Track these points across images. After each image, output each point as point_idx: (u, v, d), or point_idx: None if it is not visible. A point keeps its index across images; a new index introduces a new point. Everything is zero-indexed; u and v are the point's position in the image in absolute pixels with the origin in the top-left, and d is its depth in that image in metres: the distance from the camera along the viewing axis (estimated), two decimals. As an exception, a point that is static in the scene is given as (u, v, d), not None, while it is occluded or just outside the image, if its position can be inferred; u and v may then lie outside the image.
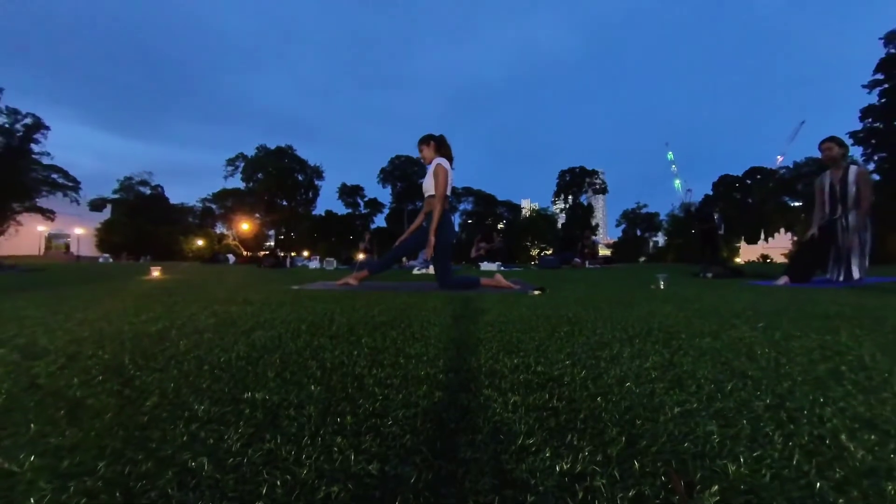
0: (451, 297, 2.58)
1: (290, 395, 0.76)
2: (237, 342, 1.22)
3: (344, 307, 2.01)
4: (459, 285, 3.34)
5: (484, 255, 11.29)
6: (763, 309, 2.01)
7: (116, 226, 41.23)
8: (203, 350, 1.13)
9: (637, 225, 55.53)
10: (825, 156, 4.20)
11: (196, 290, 3.11)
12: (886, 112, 25.34)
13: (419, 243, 3.58)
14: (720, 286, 3.76)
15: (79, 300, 2.41)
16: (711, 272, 5.45)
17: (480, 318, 1.70)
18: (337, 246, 45.78)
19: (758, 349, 1.15)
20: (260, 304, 2.17)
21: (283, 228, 51.74)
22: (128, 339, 1.27)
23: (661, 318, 1.70)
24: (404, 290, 3.18)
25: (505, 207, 57.45)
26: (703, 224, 9.16)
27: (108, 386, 0.82)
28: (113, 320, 1.63)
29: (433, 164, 3.41)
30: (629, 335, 1.33)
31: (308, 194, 53.88)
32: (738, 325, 1.53)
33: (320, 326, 1.48)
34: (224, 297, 2.57)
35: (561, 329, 1.43)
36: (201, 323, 1.57)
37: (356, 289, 3.25)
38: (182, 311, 1.90)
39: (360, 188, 56.26)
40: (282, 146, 51.53)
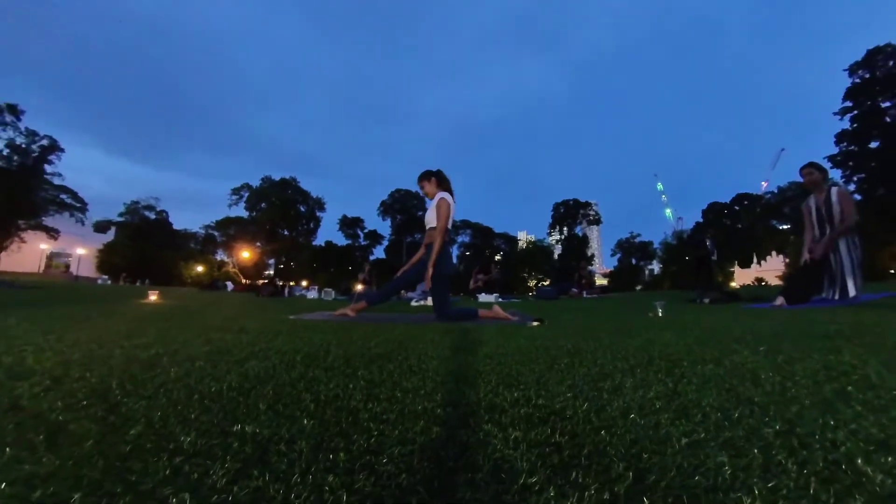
0: (448, 328, 2.54)
1: (281, 429, 0.73)
2: (230, 371, 1.18)
3: (340, 338, 1.97)
4: (457, 317, 3.30)
5: (482, 287, 11.24)
6: (762, 332, 1.98)
7: (118, 248, 41.39)
8: (194, 378, 1.09)
9: (632, 254, 55.93)
10: (807, 181, 4.36)
11: (192, 317, 3.06)
12: (859, 136, 27.29)
13: (418, 276, 3.58)
14: (718, 311, 3.73)
15: (72, 320, 2.37)
16: (708, 298, 5.43)
17: (479, 350, 1.66)
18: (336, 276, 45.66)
19: (762, 373, 1.12)
20: (255, 332, 2.13)
21: (283, 258, 51.93)
22: (117, 364, 1.23)
23: (662, 346, 1.66)
24: (402, 321, 3.14)
25: (502, 239, 58.17)
26: (696, 251, 9.13)
27: (91, 411, 0.79)
28: (104, 343, 1.60)
29: (436, 198, 3.46)
30: (630, 365, 1.30)
31: (309, 225, 54.61)
32: (739, 349, 1.50)
33: (316, 358, 1.44)
34: (220, 324, 2.53)
35: (561, 360, 1.39)
36: (194, 350, 1.53)
37: (353, 320, 3.21)
38: (176, 337, 1.86)
39: (361, 220, 57.14)
40: (286, 178, 53.03)
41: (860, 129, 27.22)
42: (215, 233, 52.38)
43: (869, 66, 27.02)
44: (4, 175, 28.58)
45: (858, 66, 27.42)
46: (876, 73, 26.66)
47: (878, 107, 26.55)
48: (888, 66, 26.10)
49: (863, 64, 27.30)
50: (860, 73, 27.39)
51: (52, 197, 33.51)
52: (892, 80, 25.68)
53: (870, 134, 26.82)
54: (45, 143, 32.04)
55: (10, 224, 29.67)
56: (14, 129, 30.00)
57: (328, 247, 55.22)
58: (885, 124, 26.17)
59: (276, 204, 50.52)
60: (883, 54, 26.34)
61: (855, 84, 27.50)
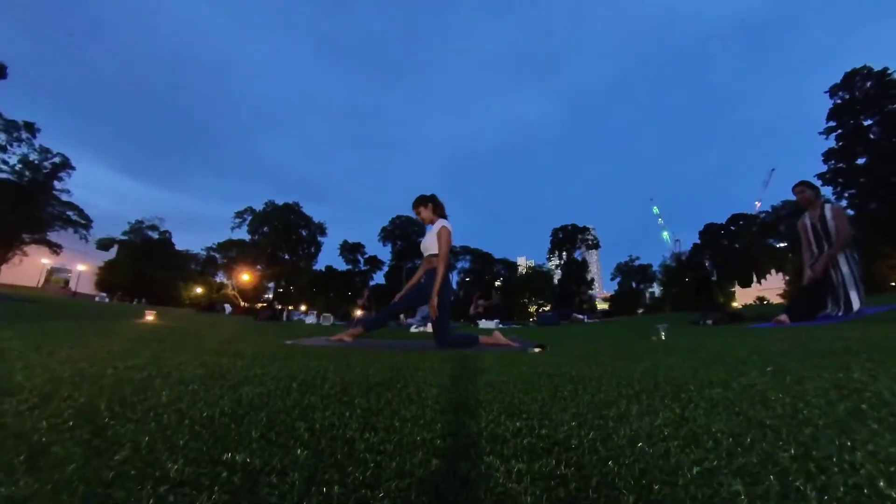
0: (448, 355, 2.49)
1: (273, 459, 0.69)
2: (223, 397, 1.15)
3: (338, 365, 1.92)
4: (457, 343, 3.26)
5: (482, 313, 11.12)
6: (769, 352, 1.93)
7: (118, 266, 41.39)
8: (186, 403, 1.05)
9: (631, 277, 55.82)
10: (800, 199, 4.43)
11: (188, 338, 3.02)
12: (845, 153, 28.40)
13: (416, 300, 3.57)
14: (721, 332, 3.67)
15: (66, 337, 2.33)
16: (711, 319, 5.36)
17: (480, 378, 1.62)
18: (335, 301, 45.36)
19: (771, 395, 1.08)
20: (251, 357, 2.08)
21: (282, 282, 51.81)
22: (108, 384, 1.20)
23: (667, 370, 1.61)
24: (401, 348, 3.08)
25: (502, 265, 58.43)
26: (696, 272, 9.11)
27: (77, 433, 0.76)
28: (97, 362, 1.56)
29: (436, 225, 3.49)
30: (636, 390, 1.26)
31: (310, 249, 54.93)
32: (746, 371, 1.46)
33: (312, 384, 1.40)
34: (215, 347, 2.49)
35: (564, 388, 1.35)
36: (188, 373, 1.49)
37: (351, 346, 3.16)
38: (170, 358, 1.82)
39: (361, 245, 57.51)
40: (289, 202, 53.79)
41: (846, 147, 28.39)
42: (216, 255, 52.59)
43: (847, 87, 28.49)
44: (14, 189, 29.08)
45: (838, 88, 28.92)
46: (855, 93, 28.07)
47: (861, 125, 27.78)
48: (865, 86, 27.50)
49: (841, 86, 28.76)
50: (840, 94, 28.88)
51: (58, 213, 33.95)
52: (870, 99, 27.00)
53: (855, 151, 27.90)
54: (56, 160, 32.82)
55: (15, 237, 29.95)
56: (28, 146, 30.78)
57: (328, 271, 55.27)
58: (869, 141, 27.27)
59: (278, 228, 50.98)
60: (859, 76, 27.80)
61: (836, 105, 28.93)
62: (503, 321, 9.97)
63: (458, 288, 53.68)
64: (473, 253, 56.78)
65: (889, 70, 26.32)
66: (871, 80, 27.22)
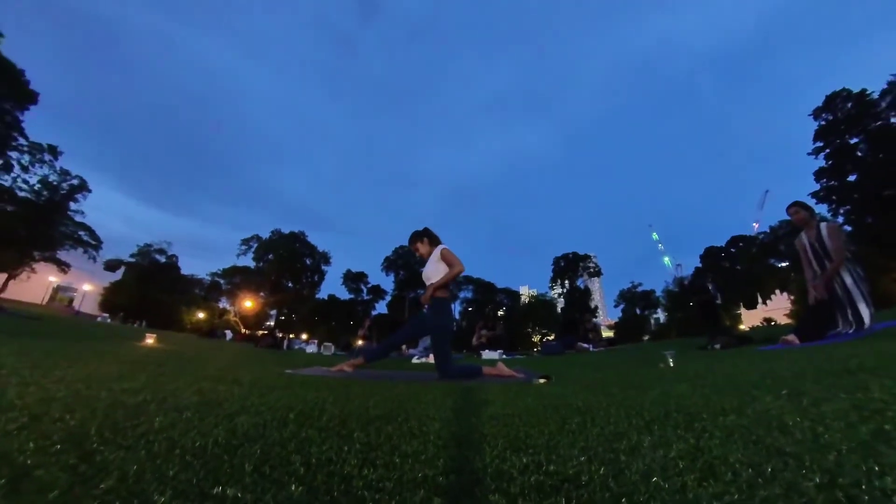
0: (451, 387, 2.41)
1: (266, 495, 0.65)
2: (218, 426, 1.11)
3: (337, 396, 1.87)
4: (460, 375, 3.19)
5: (485, 343, 10.91)
6: (781, 374, 1.85)
7: (123, 288, 41.56)
8: (179, 431, 1.02)
9: (635, 304, 54.90)
10: (795, 220, 4.48)
11: (186, 364, 2.97)
12: (836, 171, 29.28)
13: (418, 331, 3.54)
14: (730, 356, 3.57)
15: (64, 356, 2.30)
16: (719, 343, 5.26)
17: (483, 411, 1.56)
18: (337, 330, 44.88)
19: (788, 420, 1.02)
20: (249, 385, 2.03)
21: (285, 309, 51.60)
22: (101, 407, 1.16)
23: (677, 398, 1.55)
24: (402, 379, 3.01)
25: (504, 294, 58.06)
26: (700, 295, 8.96)
27: (63, 458, 0.72)
28: (92, 384, 1.53)
29: (438, 250, 3.53)
30: (646, 421, 1.20)
31: (314, 278, 55.06)
32: (759, 396, 1.39)
33: (310, 416, 1.36)
34: (213, 374, 2.44)
35: (572, 420, 1.29)
36: (183, 400, 1.45)
37: (351, 376, 3.08)
38: (167, 384, 1.79)
39: (364, 275, 57.62)
40: (295, 231, 54.59)
41: (835, 165, 29.35)
42: (221, 280, 52.77)
43: (830, 109, 29.78)
44: (31, 207, 29.82)
45: (821, 111, 30.26)
46: (838, 114, 29.30)
47: (847, 143, 28.78)
48: (846, 107, 28.80)
49: (824, 108, 30.10)
50: (823, 115, 30.16)
51: (70, 232, 34.62)
52: (853, 119, 28.25)
53: (845, 168, 28.81)
54: (74, 182, 33.82)
55: (26, 254, 30.43)
56: (50, 168, 31.80)
57: (331, 300, 55.10)
58: (857, 158, 28.23)
59: (283, 256, 51.39)
60: (840, 98, 29.10)
61: (821, 126, 30.22)
62: (507, 352, 9.78)
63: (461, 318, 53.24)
64: (476, 283, 56.67)
65: (867, 91, 27.70)
66: (851, 102, 28.55)
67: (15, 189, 29.15)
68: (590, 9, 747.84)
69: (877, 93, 26.77)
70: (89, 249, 36.76)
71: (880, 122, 26.60)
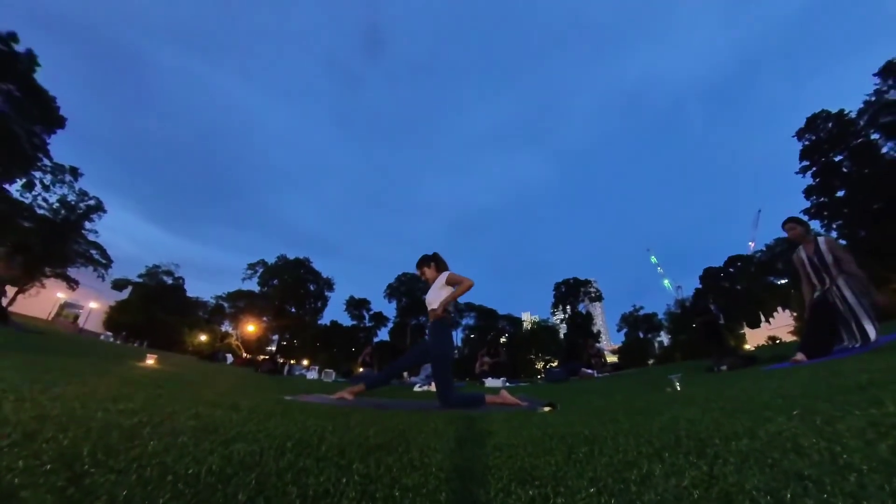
0: (453, 416, 2.34)
1: (259, 528, 0.62)
2: (213, 452, 1.07)
3: (337, 425, 1.81)
4: (463, 403, 3.10)
5: (487, 371, 10.66)
6: (792, 393, 1.79)
7: (129, 307, 41.66)
8: (172, 456, 0.98)
9: (637, 327, 53.92)
10: (791, 236, 4.48)
11: (185, 386, 2.92)
12: (824, 188, 30.11)
13: (420, 358, 3.48)
14: (738, 377, 3.48)
15: (63, 373, 2.27)
16: (725, 364, 5.16)
17: (487, 441, 1.51)
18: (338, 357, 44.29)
19: (804, 441, 0.96)
20: (248, 411, 1.98)
21: (287, 335, 51.25)
22: (95, 428, 1.13)
23: (687, 423, 1.48)
24: (403, 408, 2.93)
25: (506, 321, 57.42)
26: (702, 317, 8.78)
27: (52, 479, 0.70)
28: (89, 402, 1.50)
29: (443, 277, 3.54)
30: (656, 448, 1.14)
31: (317, 304, 54.99)
32: (772, 417, 1.33)
33: (308, 445, 1.31)
34: (212, 398, 2.39)
35: (579, 449, 1.24)
36: (180, 424, 1.41)
37: (351, 404, 3.01)
38: (164, 406, 1.74)
39: (367, 301, 57.50)
40: (300, 257, 55.01)
41: (823, 182, 30.22)
42: (225, 304, 52.81)
43: (812, 130, 30.96)
44: (48, 224, 30.53)
45: (804, 131, 31.44)
46: (820, 134, 30.42)
47: (832, 161, 29.73)
48: (828, 127, 29.98)
49: (806, 129, 31.28)
50: (806, 136, 31.31)
51: (83, 250, 35.21)
52: (835, 138, 29.37)
53: (833, 185, 29.62)
54: (91, 202, 34.73)
55: (39, 270, 30.89)
56: (69, 188, 32.77)
57: (333, 326, 54.72)
58: (843, 174, 29.07)
59: (287, 281, 51.62)
60: (820, 119, 30.31)
61: (805, 146, 31.37)
62: (510, 379, 9.53)
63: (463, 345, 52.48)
64: (477, 309, 56.29)
65: (845, 110, 28.97)
66: (832, 122, 29.72)
67: (34, 206, 29.99)
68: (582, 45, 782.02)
69: (854, 112, 27.97)
70: (99, 268, 37.22)
71: (861, 139, 27.61)
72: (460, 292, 3.38)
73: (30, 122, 26.09)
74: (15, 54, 24.32)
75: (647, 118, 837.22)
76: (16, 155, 25.77)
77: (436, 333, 3.34)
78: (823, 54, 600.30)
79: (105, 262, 37.58)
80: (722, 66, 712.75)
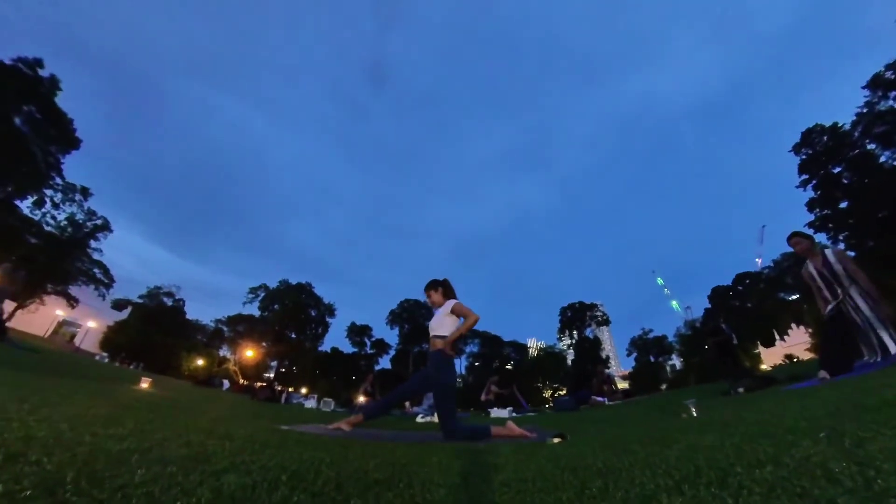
0: (458, 449, 2.25)
1: (248, 572, 0.57)
2: (203, 484, 1.02)
3: (335, 457, 1.74)
4: (467, 435, 3.01)
5: (493, 400, 10.40)
6: (816, 415, 1.69)
7: (127, 328, 41.57)
8: (160, 487, 0.93)
9: (647, 351, 52.60)
10: (798, 250, 4.44)
11: (178, 412, 2.86)
12: (826, 200, 30.20)
13: (421, 387, 3.43)
14: (757, 400, 3.35)
15: (54, 393, 2.23)
16: (742, 386, 5.04)
17: (494, 476, 1.44)
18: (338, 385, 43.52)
19: (834, 466, 0.90)
20: (242, 440, 1.92)
21: (286, 361, 50.67)
22: (82, 452, 1.09)
23: (706, 451, 1.40)
24: (405, 440, 2.84)
25: (511, 348, 56.53)
26: (715, 337, 8.56)
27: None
28: (77, 425, 1.45)
29: (448, 304, 3.53)
30: (675, 480, 1.07)
31: (317, 330, 54.65)
32: (796, 441, 1.25)
33: (303, 479, 1.25)
34: (205, 425, 2.32)
35: (592, 484, 1.17)
36: (170, 452, 1.36)
37: (349, 435, 2.92)
38: (154, 432, 1.69)
39: (369, 328, 57.16)
40: (302, 282, 55.09)
41: (825, 195, 30.28)
42: (224, 327, 52.62)
43: (807, 144, 31.28)
44: (53, 241, 31.04)
45: (800, 146, 31.73)
46: (816, 147, 30.75)
47: (831, 173, 29.91)
48: (823, 140, 30.35)
49: (802, 143, 31.59)
50: (803, 150, 31.55)
51: (86, 269, 35.57)
52: (831, 151, 29.71)
53: (834, 196, 29.67)
54: (98, 221, 35.40)
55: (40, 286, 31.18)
56: (79, 207, 33.52)
57: (333, 353, 54.10)
58: (844, 185, 29.15)
59: (288, 306, 51.52)
60: (815, 133, 30.69)
61: (803, 160, 31.62)
62: (517, 409, 9.28)
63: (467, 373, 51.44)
64: (482, 336, 55.47)
65: (839, 123, 29.44)
66: (826, 135, 30.12)
67: (43, 223, 30.62)
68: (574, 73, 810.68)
69: (847, 124, 28.38)
70: (101, 287, 37.48)
71: (857, 150, 27.96)
72: (465, 329, 3.36)
73: (47, 142, 27.10)
74: (39, 79, 25.57)
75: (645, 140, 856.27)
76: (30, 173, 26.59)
77: (438, 363, 3.28)
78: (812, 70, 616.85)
79: (107, 282, 37.86)
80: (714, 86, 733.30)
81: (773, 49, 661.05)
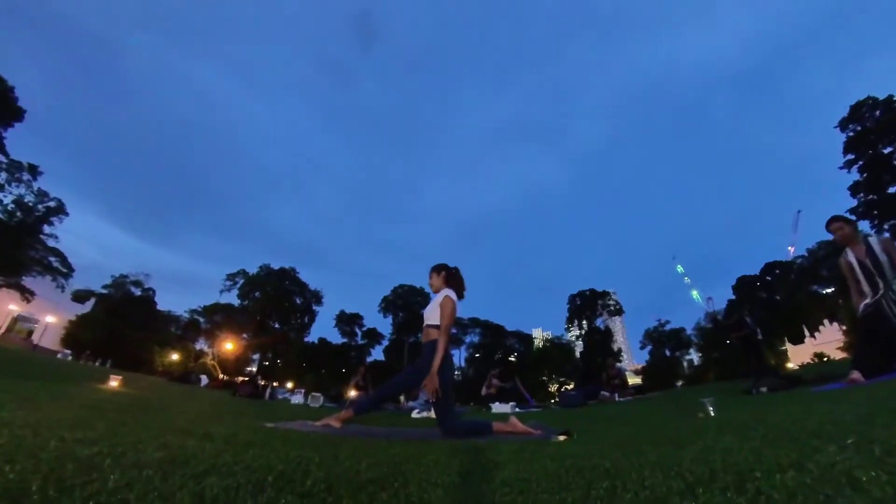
0: (457, 447, 2.32)
1: (233, 580, 0.59)
2: (182, 489, 1.05)
3: (324, 456, 1.79)
4: (467, 432, 3.09)
5: (495, 395, 10.64)
6: (844, 419, 1.74)
7: (91, 322, 41.61)
8: (136, 493, 0.96)
9: (663, 344, 53.16)
10: (838, 237, 4.40)
11: (152, 412, 2.91)
12: (873, 183, 29.81)
13: (413, 380, 3.47)
14: (781, 401, 3.44)
15: (13, 397, 2.26)
16: (765, 385, 5.16)
17: (495, 475, 1.49)
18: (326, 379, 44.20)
19: (860, 474, 0.93)
20: (223, 440, 1.96)
21: (269, 353, 51.11)
22: (48, 459, 1.11)
23: (723, 453, 1.44)
24: (400, 437, 2.92)
25: (515, 338, 56.90)
26: (739, 331, 8.74)
27: (-6, 522, 0.68)
28: (41, 430, 1.48)
29: (440, 295, 3.53)
30: (688, 483, 1.11)
31: (303, 319, 54.88)
32: (822, 446, 1.29)
33: (291, 480, 1.29)
34: (183, 425, 2.37)
35: (599, 485, 1.21)
36: (145, 455, 1.39)
37: (339, 432, 2.99)
38: (127, 434, 1.73)
39: (360, 316, 57.40)
40: (285, 267, 54.87)
41: (871, 178, 29.93)
42: (200, 318, 52.70)
43: (856, 119, 30.74)
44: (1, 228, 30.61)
45: (847, 121, 31.20)
46: (865, 124, 30.23)
47: (881, 154, 29.51)
48: (875, 116, 29.68)
49: (850, 119, 31.03)
50: (851, 126, 31.05)
51: (40, 257, 35.19)
52: (884, 127, 29.04)
53: (883, 180, 29.33)
54: (52, 204, 34.86)
55: None
56: (27, 188, 32.95)
57: (321, 344, 54.57)
58: (894, 168, 28.92)
59: (270, 294, 51.57)
60: (866, 107, 30.04)
61: (850, 137, 31.09)
62: (520, 405, 9.51)
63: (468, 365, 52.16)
64: (483, 325, 55.91)
65: (894, 97, 28.63)
66: (879, 109, 29.46)
67: (-15, 207, 30.18)
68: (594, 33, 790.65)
69: None
70: (59, 278, 37.27)
71: None
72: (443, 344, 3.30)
73: (-18, 113, 26.42)
74: (-32, 40, 24.70)
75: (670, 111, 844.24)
76: (-37, 149, 25.96)
77: (432, 355, 3.31)
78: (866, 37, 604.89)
79: (65, 272, 37.66)
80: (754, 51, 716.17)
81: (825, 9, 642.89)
